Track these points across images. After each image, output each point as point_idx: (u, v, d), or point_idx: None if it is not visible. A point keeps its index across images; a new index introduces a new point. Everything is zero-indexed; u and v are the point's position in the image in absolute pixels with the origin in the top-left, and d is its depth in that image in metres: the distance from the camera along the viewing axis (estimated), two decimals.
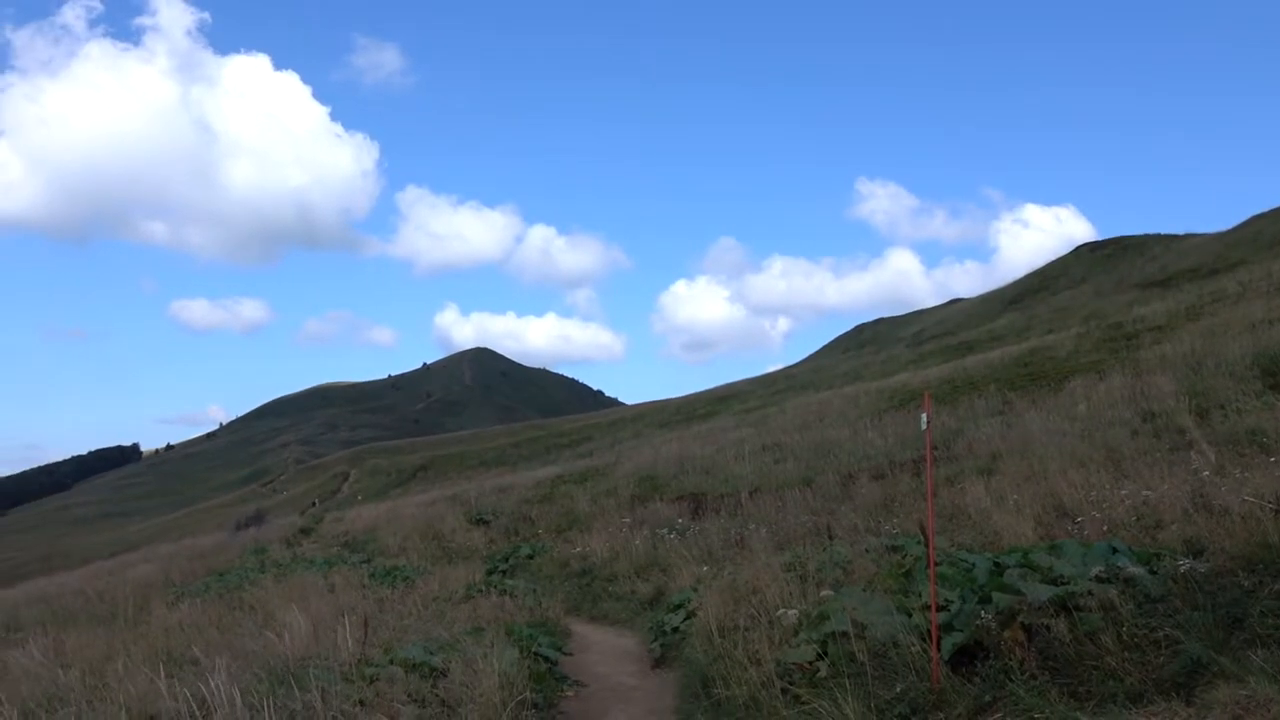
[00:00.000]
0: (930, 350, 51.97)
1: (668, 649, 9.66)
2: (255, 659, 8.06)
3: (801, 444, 22.69)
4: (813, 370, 72.29)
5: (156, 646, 10.81)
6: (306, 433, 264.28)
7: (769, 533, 13.34)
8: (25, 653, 12.14)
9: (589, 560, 16.10)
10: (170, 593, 18.82)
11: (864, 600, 6.70)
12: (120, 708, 6.67)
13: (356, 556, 21.41)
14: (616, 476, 26.45)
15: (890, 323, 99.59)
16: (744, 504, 16.45)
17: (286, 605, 12.29)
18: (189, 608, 15.30)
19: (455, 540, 22.20)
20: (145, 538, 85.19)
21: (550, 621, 11.56)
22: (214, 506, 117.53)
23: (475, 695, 6.38)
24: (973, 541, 9.23)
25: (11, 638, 16.38)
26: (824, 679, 6.01)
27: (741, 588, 8.96)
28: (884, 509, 13.15)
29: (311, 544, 28.37)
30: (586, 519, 20.27)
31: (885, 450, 18.52)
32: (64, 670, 10.01)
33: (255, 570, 19.95)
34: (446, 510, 27.48)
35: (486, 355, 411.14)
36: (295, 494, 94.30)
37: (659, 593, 12.72)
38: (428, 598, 12.67)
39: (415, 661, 7.29)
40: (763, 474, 19.81)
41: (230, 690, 6.04)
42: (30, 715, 7.27)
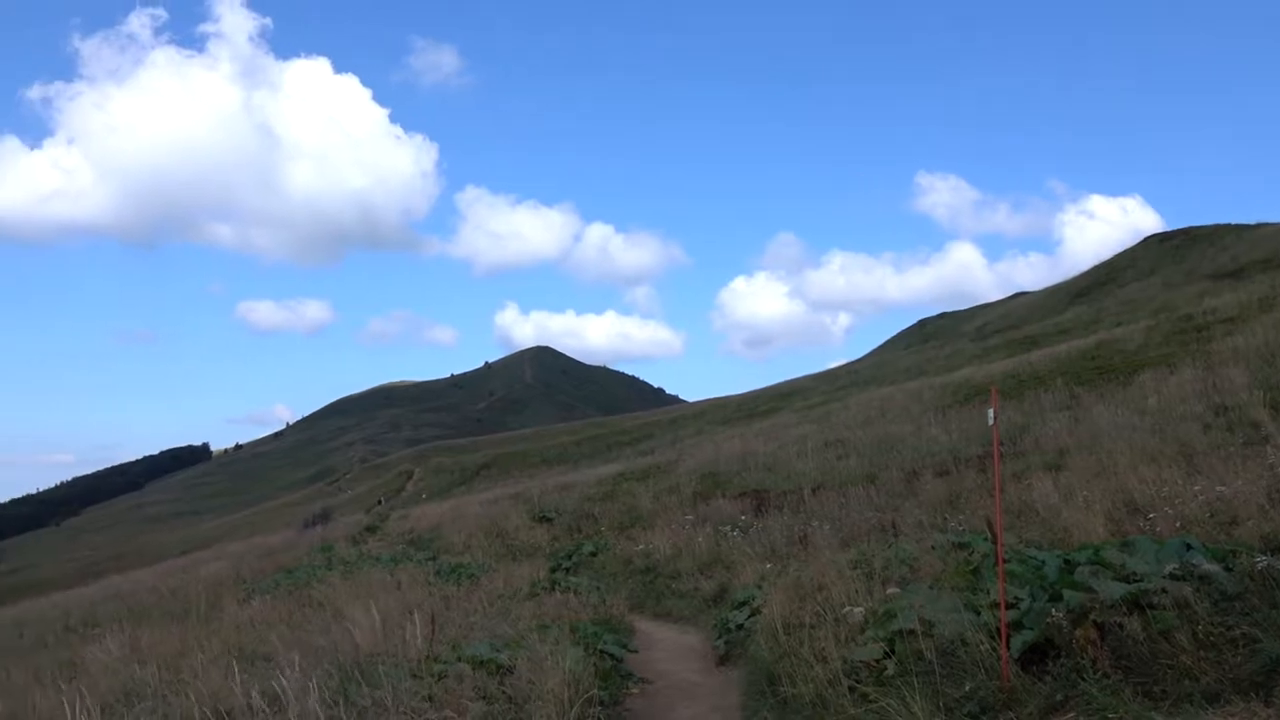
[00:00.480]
0: (995, 344, 51.33)
1: (732, 646, 9.64)
2: (325, 655, 8.17)
3: (864, 440, 22.52)
4: (875, 365, 71.71)
5: (229, 642, 11.00)
6: (371, 432, 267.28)
7: (832, 530, 13.26)
8: (103, 648, 12.43)
9: (652, 557, 16.11)
10: (241, 589, 19.11)
11: (931, 598, 6.63)
12: (195, 703, 6.79)
13: (422, 554, 21.58)
14: (678, 474, 26.43)
15: (953, 317, 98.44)
16: (807, 501, 16.37)
17: (354, 602, 12.44)
18: (259, 604, 15.54)
19: (519, 538, 22.31)
20: (216, 535, 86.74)
21: (614, 619, 11.57)
22: (282, 505, 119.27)
23: (542, 692, 6.41)
24: (1041, 538, 9.10)
25: (89, 633, 16.77)
26: (891, 677, 5.96)
27: (806, 585, 8.92)
28: (949, 505, 13.01)
29: (377, 542, 28.65)
30: (649, 516, 20.28)
31: (949, 446, 18.32)
32: (140, 665, 10.22)
33: (323, 568, 20.19)
34: (510, 508, 27.63)
35: (547, 354, 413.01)
36: (360, 492, 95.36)
37: (722, 590, 12.70)
38: (493, 595, 12.75)
39: (482, 658, 7.34)
40: (825, 470, 19.70)
41: (302, 686, 6.13)
42: (109, 709, 7.43)
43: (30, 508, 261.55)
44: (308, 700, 5.92)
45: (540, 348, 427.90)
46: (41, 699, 8.89)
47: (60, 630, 19.27)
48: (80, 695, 7.20)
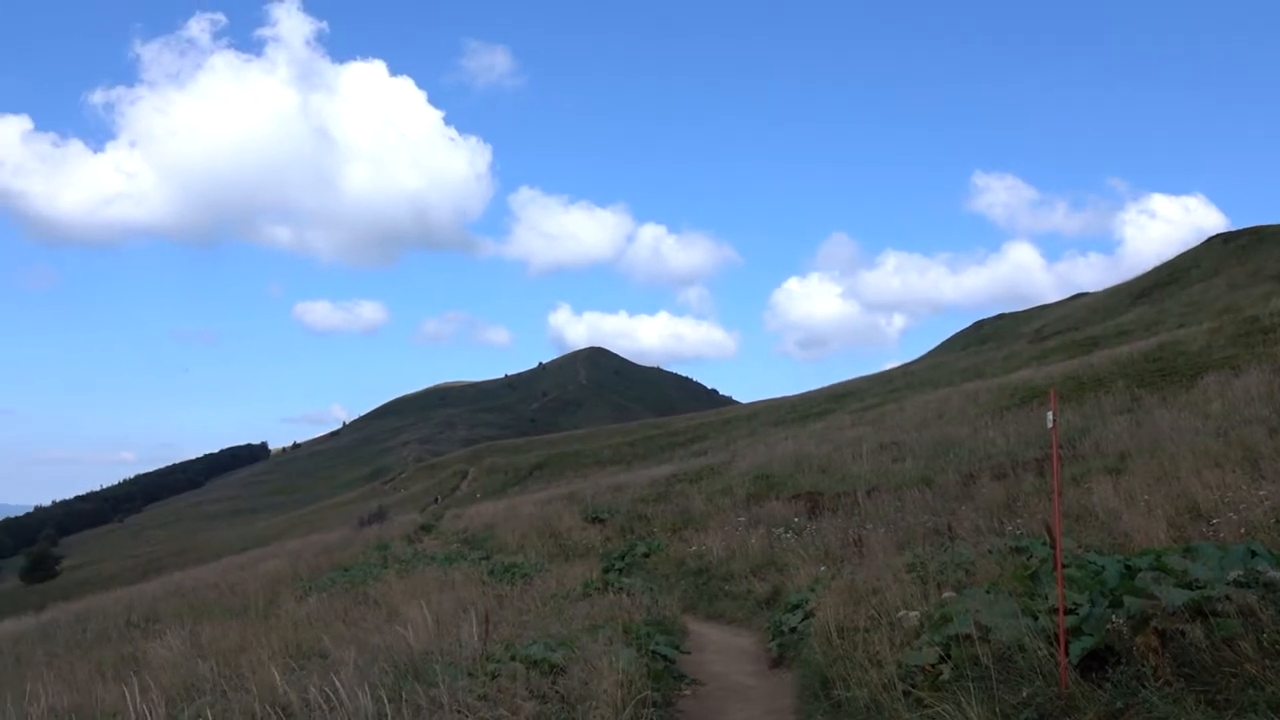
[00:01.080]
0: (1053, 346, 50.70)
1: (785, 649, 9.59)
2: (381, 653, 8.24)
3: (920, 442, 22.35)
4: (931, 367, 71.08)
5: (286, 639, 11.12)
6: (426, 432, 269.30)
7: (887, 533, 13.16)
8: (164, 643, 12.62)
9: (705, 559, 16.09)
10: (298, 587, 19.32)
11: (988, 602, 6.55)
12: (254, 698, 6.88)
13: (476, 553, 21.71)
14: (731, 475, 26.38)
15: (1011, 318, 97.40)
16: (861, 503, 16.27)
17: (409, 600, 12.54)
18: (316, 601, 15.71)
19: (572, 538, 22.38)
20: (274, 533, 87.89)
21: (667, 620, 11.57)
22: (338, 503, 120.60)
23: (595, 692, 6.42)
24: (1101, 543, 8.97)
25: (151, 629, 17.04)
26: (947, 682, 5.89)
27: (860, 588, 8.86)
28: (1006, 509, 12.86)
29: (432, 541, 28.86)
30: (702, 518, 20.26)
31: (1007, 449, 18.12)
32: (200, 661, 10.37)
33: (378, 566, 20.38)
34: (563, 508, 27.73)
35: (601, 354, 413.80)
36: (415, 491, 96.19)
37: (776, 592, 12.65)
38: (546, 595, 12.80)
39: (536, 658, 7.37)
40: (880, 473, 19.57)
41: (358, 683, 6.19)
42: (171, 703, 7.55)
43: (94, 505, 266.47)
44: (363, 697, 5.98)
45: (594, 348, 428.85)
46: (104, 692, 9.05)
47: (123, 625, 19.59)
48: (142, 689, 7.32)
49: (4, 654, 18.13)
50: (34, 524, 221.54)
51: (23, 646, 19.37)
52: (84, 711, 8.25)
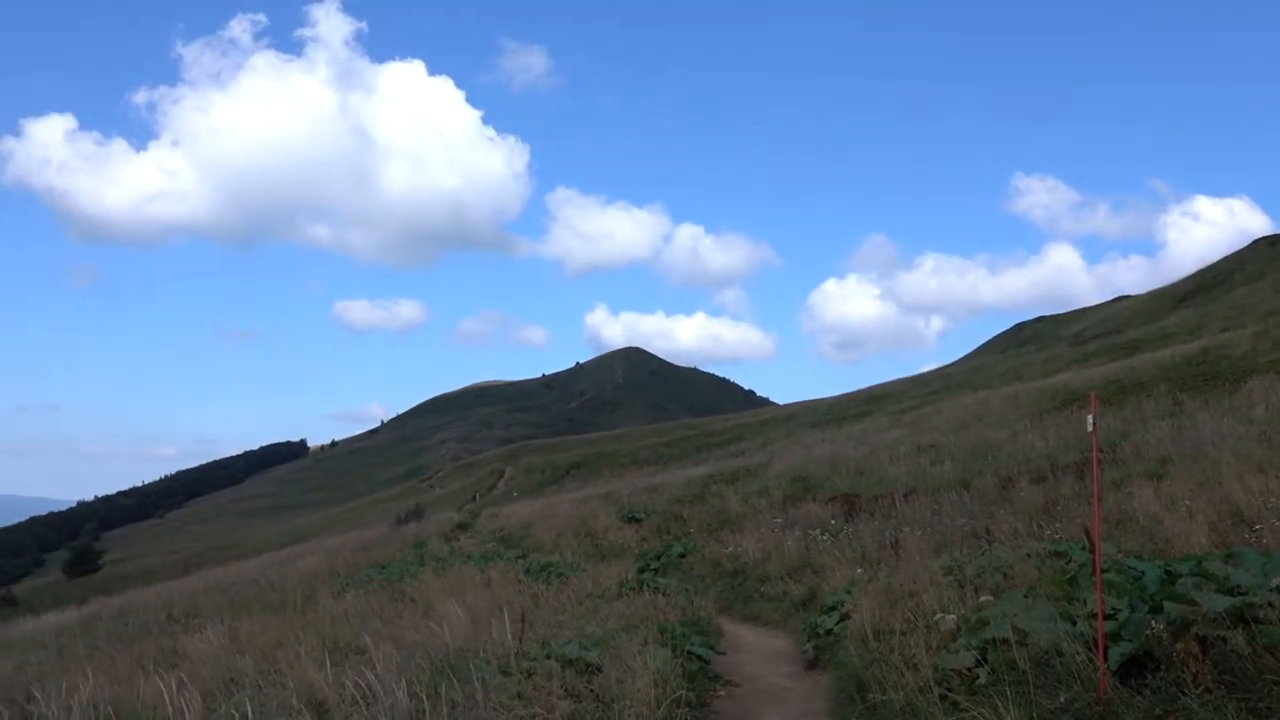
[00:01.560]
0: (1094, 349, 50.26)
1: (821, 651, 9.57)
2: (417, 649, 8.30)
3: (958, 445, 22.21)
4: (969, 370, 70.64)
5: (324, 635, 11.22)
6: (464, 430, 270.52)
7: (924, 535, 13.08)
8: (203, 638, 12.77)
9: (741, 560, 16.06)
10: (335, 583, 19.46)
11: (1026, 606, 6.50)
12: (291, 693, 6.95)
13: (512, 552, 21.79)
14: (768, 476, 26.33)
15: (1051, 321, 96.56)
16: (898, 506, 16.19)
17: (445, 598, 12.61)
18: (353, 598, 15.83)
19: (608, 538, 22.41)
20: (312, 530, 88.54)
21: (702, 620, 11.56)
22: (376, 501, 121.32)
23: (630, 692, 6.43)
24: (1141, 548, 8.87)
25: (190, 623, 17.23)
26: (983, 686, 5.86)
27: (897, 591, 8.82)
28: (1045, 513, 12.76)
29: (469, 539, 28.97)
30: (738, 519, 20.23)
31: (1046, 452, 17.98)
32: (239, 655, 10.49)
33: (415, 564, 20.49)
34: (599, 508, 27.77)
35: (638, 354, 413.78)
36: (452, 490, 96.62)
37: (811, 594, 12.61)
38: (581, 594, 12.83)
39: (571, 657, 7.39)
40: (918, 475, 19.46)
41: (395, 680, 6.24)
42: (210, 697, 7.64)
43: (135, 500, 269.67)
44: (400, 693, 6.03)
45: (631, 348, 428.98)
46: (145, 686, 9.15)
47: (163, 619, 19.83)
48: (181, 683, 7.41)
49: (47, 646, 18.40)
50: (77, 518, 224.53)
51: (65, 639, 19.66)
52: (125, 704, 8.35)
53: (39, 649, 18.13)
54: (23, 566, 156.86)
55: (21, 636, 23.55)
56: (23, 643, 21.08)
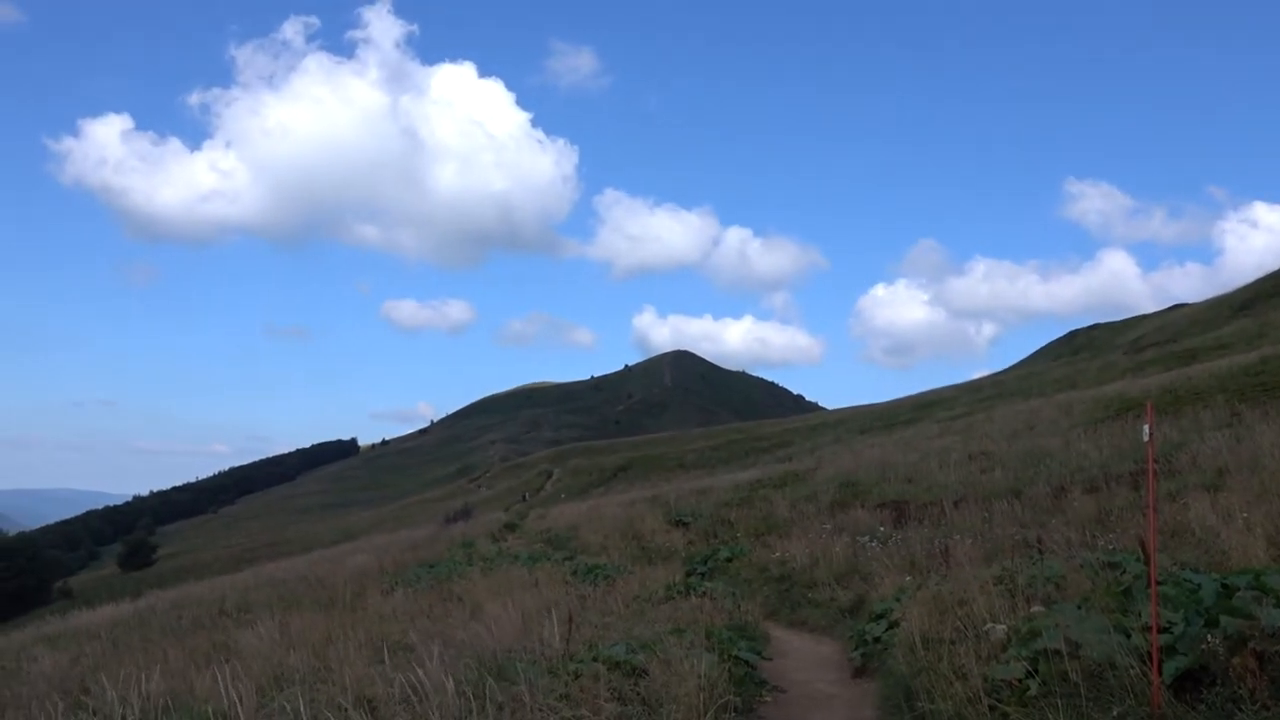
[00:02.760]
0: (1150, 358, 49.54)
1: (868, 659, 9.51)
2: (465, 648, 8.35)
3: (1010, 453, 21.98)
4: (1022, 377, 69.87)
5: (372, 632, 11.32)
6: (512, 431, 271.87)
7: (974, 544, 12.95)
8: (255, 633, 12.92)
9: (788, 565, 16.00)
10: (384, 581, 19.61)
11: (1078, 618, 6.41)
12: (341, 690, 7.02)
13: (559, 553, 21.84)
14: (816, 482, 26.21)
15: (1106, 329, 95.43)
16: (948, 513, 16.04)
17: (493, 598, 12.68)
18: (402, 596, 15.95)
19: (654, 541, 22.39)
20: (362, 528, 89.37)
21: (749, 625, 11.53)
22: (424, 500, 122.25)
23: (677, 695, 6.43)
24: (1197, 561, 8.72)
25: (242, 618, 17.44)
26: (1034, 698, 5.79)
27: (947, 599, 8.74)
28: (1098, 523, 12.59)
29: (516, 540, 29.08)
30: (785, 524, 20.14)
31: (1100, 462, 17.74)
32: (289, 651, 10.60)
33: (463, 563, 20.59)
34: (646, 511, 27.76)
35: (686, 358, 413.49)
36: (500, 491, 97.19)
37: (859, 601, 12.54)
38: (628, 597, 12.83)
39: (618, 659, 7.39)
40: (968, 483, 19.27)
41: (443, 678, 6.28)
42: (262, 691, 7.73)
43: (190, 495, 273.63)
44: (449, 692, 6.06)
45: (680, 352, 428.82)
46: (198, 679, 9.29)
47: (216, 614, 20.08)
48: (234, 677, 7.51)
49: (102, 638, 18.67)
50: (132, 513, 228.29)
51: (120, 631, 19.96)
52: (179, 696, 8.48)
53: (94, 641, 18.40)
54: (79, 559, 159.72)
55: (77, 628, 23.94)
56: (79, 634, 21.41)
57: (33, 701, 10.04)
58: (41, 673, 13.93)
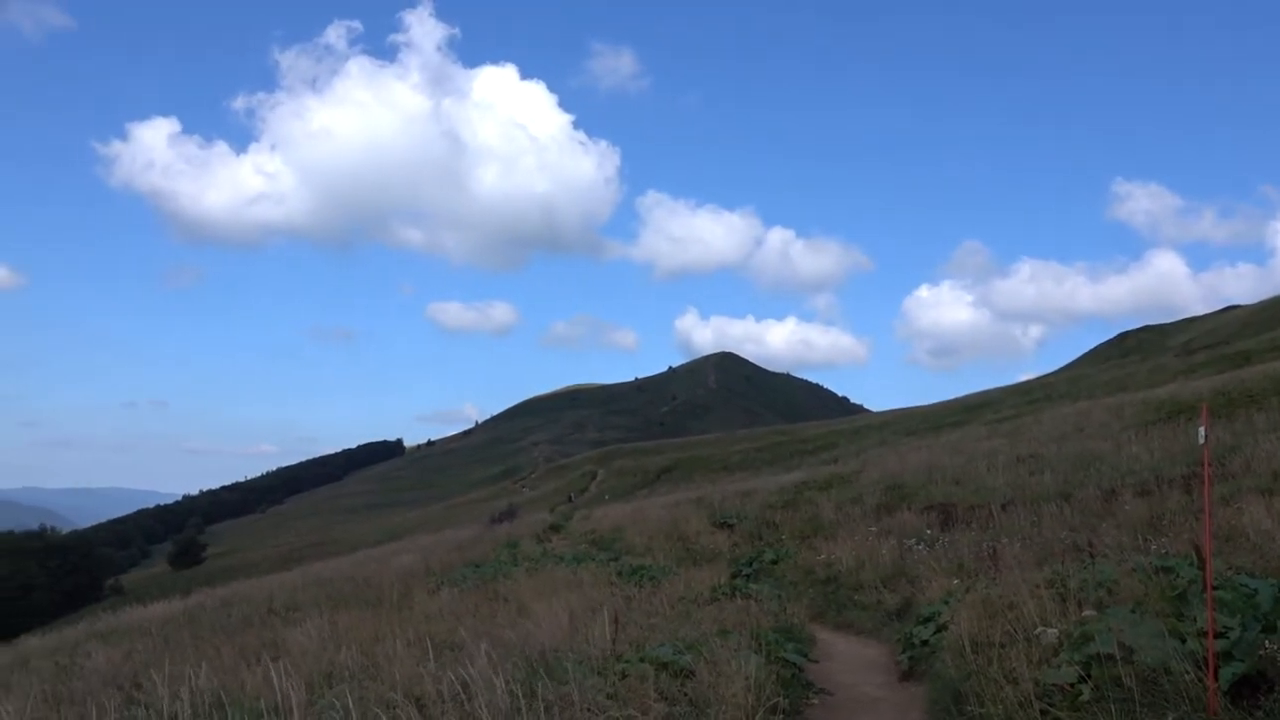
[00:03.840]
0: (1202, 360, 48.83)
1: (916, 662, 9.44)
2: (513, 648, 8.38)
3: (1059, 456, 21.74)
4: (1070, 379, 69.12)
5: (419, 631, 11.37)
6: (557, 432, 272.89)
7: (1023, 547, 12.83)
8: (303, 631, 13.04)
9: (834, 568, 15.92)
10: (430, 581, 19.70)
11: (1132, 622, 6.32)
12: (389, 687, 7.06)
13: (604, 554, 21.85)
14: (862, 484, 26.06)
15: (1157, 331, 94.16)
16: (996, 516, 15.90)
17: (538, 598, 12.72)
18: (448, 596, 16.02)
19: (699, 542, 22.37)
20: (407, 528, 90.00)
21: (795, 627, 11.48)
22: (469, 501, 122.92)
23: (724, 696, 6.41)
24: (1253, 566, 8.58)
25: (290, 616, 17.61)
26: (1087, 703, 5.72)
27: (996, 603, 8.65)
28: (1150, 527, 12.42)
29: (561, 540, 29.14)
30: (831, 526, 20.06)
31: (1151, 465, 17.51)
32: (337, 649, 10.69)
33: (509, 563, 20.67)
34: (690, 512, 27.74)
35: (731, 360, 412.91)
36: (544, 492, 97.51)
37: (906, 604, 12.46)
38: (673, 598, 12.81)
39: (664, 660, 7.39)
40: (1016, 486, 19.09)
41: (492, 676, 6.30)
42: (312, 688, 7.80)
43: (239, 495, 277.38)
44: (498, 690, 6.09)
45: (724, 353, 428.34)
46: (249, 676, 9.38)
47: (264, 612, 20.27)
48: (287, 672, 7.59)
49: (153, 635, 18.93)
50: (182, 512, 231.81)
51: (170, 628, 20.21)
52: (229, 692, 8.56)
53: (146, 637, 18.65)
54: (130, 557, 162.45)
55: (129, 625, 24.29)
56: (131, 631, 21.73)
57: (88, 696, 10.19)
58: (95, 668, 14.14)
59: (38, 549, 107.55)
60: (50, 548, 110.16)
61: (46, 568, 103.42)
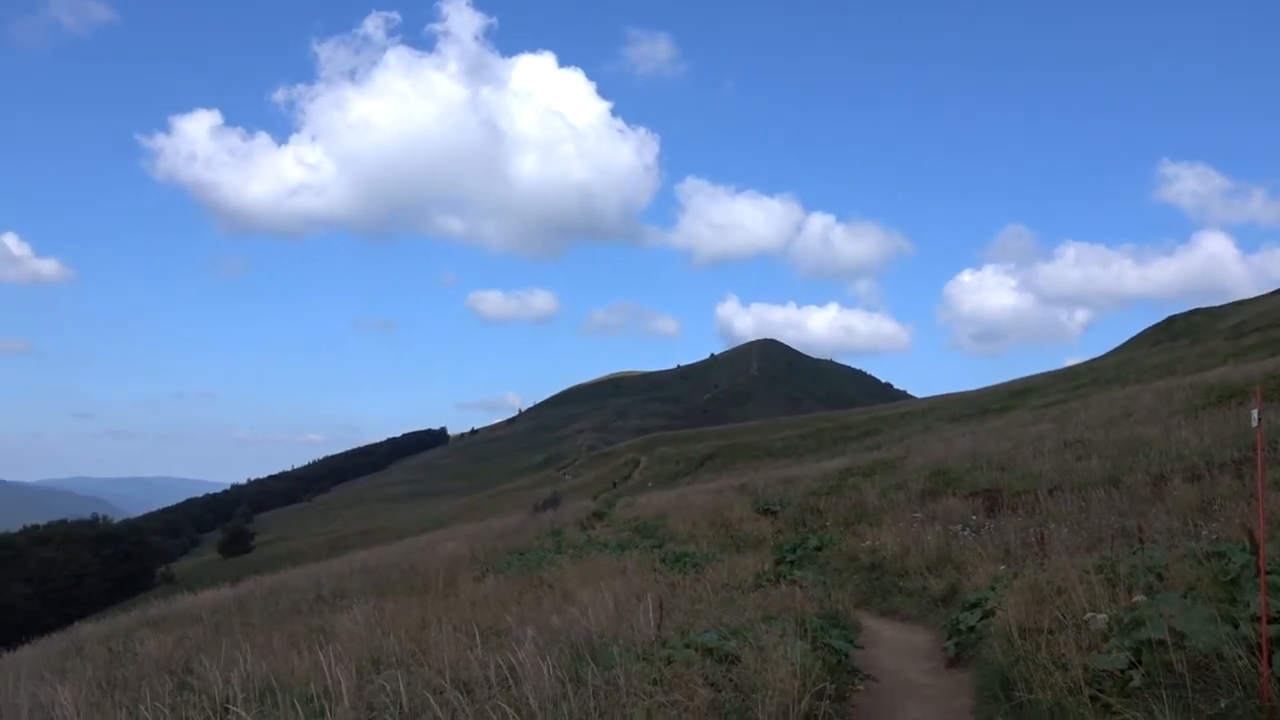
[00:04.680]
0: (1253, 343, 48.09)
1: (963, 648, 9.38)
2: (559, 634, 8.42)
3: (1106, 441, 21.51)
4: (1118, 364, 68.26)
5: (465, 617, 11.45)
6: (599, 420, 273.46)
7: (1071, 533, 12.71)
8: (351, 618, 13.17)
9: (878, 554, 15.85)
10: (475, 568, 19.81)
11: (1183, 608, 6.24)
12: (436, 672, 7.12)
13: (647, 541, 21.87)
14: (906, 470, 25.92)
15: (1206, 314, 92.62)
16: (1042, 502, 15.77)
17: (582, 585, 12.76)
18: (493, 583, 16.11)
19: (743, 529, 22.34)
20: (452, 516, 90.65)
21: (840, 614, 11.45)
22: (513, 489, 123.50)
23: (770, 682, 6.41)
24: None
25: (338, 603, 17.79)
26: (1137, 689, 5.66)
27: (1044, 588, 8.57)
28: (1200, 512, 12.26)
29: (604, 528, 29.19)
30: (875, 513, 19.96)
31: (1201, 450, 17.28)
32: (384, 635, 10.80)
33: (553, 551, 20.73)
34: (734, 499, 27.70)
35: (773, 346, 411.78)
36: (588, 479, 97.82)
37: (952, 590, 12.38)
38: (717, 584, 12.81)
39: (710, 646, 7.40)
40: (1063, 471, 18.91)
41: (539, 661, 6.34)
42: (360, 673, 7.89)
43: (286, 483, 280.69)
44: (546, 675, 6.12)
45: (766, 340, 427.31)
46: (298, 662, 9.50)
47: (312, 599, 20.48)
48: (339, 657, 7.68)
49: (203, 621, 19.18)
50: (231, 501, 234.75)
51: (220, 615, 20.46)
52: (279, 677, 8.68)
53: (196, 624, 18.91)
54: (180, 546, 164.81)
55: (180, 612, 24.61)
56: (181, 618, 22.02)
57: (141, 681, 10.36)
58: (148, 654, 14.35)
59: (91, 537, 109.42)
60: (103, 536, 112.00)
61: (99, 555, 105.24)
